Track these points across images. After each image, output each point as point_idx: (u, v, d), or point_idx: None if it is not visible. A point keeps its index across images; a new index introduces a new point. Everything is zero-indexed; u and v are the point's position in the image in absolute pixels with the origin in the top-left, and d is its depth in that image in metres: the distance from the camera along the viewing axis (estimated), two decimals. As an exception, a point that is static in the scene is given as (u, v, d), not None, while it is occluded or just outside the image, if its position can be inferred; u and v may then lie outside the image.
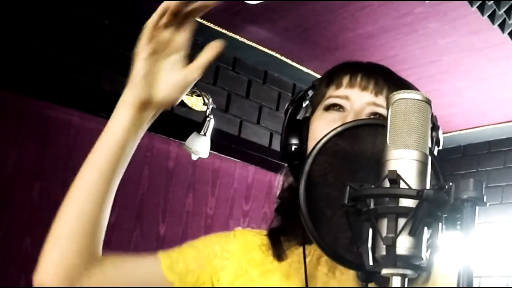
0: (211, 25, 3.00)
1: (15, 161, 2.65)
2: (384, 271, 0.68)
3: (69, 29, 2.81)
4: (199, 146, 2.96)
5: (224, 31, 3.05)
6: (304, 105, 1.09)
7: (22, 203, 2.60)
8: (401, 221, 0.67)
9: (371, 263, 0.70)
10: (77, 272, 0.95)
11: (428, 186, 0.70)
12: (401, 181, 0.68)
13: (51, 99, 2.73)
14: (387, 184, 0.68)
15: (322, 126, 1.01)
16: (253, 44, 3.16)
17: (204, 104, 3.06)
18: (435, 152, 0.97)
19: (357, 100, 1.02)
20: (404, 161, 0.69)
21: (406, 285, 0.67)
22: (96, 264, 0.97)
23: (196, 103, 3.07)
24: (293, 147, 1.03)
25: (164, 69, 0.94)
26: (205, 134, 2.98)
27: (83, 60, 2.85)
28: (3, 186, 2.61)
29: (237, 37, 3.10)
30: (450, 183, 0.67)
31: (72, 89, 2.79)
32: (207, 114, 3.01)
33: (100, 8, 2.89)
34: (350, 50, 3.01)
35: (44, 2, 2.74)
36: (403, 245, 0.67)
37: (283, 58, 3.27)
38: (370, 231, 0.70)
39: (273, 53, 3.24)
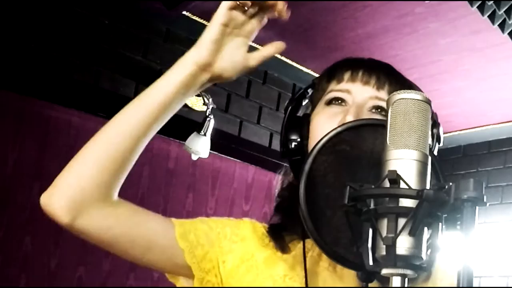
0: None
1: (15, 161, 2.64)
2: (384, 271, 0.68)
3: (69, 29, 2.81)
4: (199, 146, 2.96)
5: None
6: (304, 103, 1.09)
7: (22, 203, 2.60)
8: (401, 221, 0.67)
9: (371, 263, 0.70)
10: (88, 204, 0.94)
11: (428, 186, 0.70)
12: (401, 181, 0.68)
13: (51, 99, 2.72)
14: (387, 184, 0.68)
15: (324, 120, 1.01)
16: (253, 44, 3.15)
17: (204, 104, 3.06)
18: (436, 149, 0.96)
19: (358, 93, 1.02)
20: (404, 161, 0.69)
21: (406, 285, 0.67)
22: (110, 204, 0.96)
23: (196, 103, 3.07)
24: (294, 144, 1.03)
25: (230, 45, 0.97)
26: (205, 134, 2.97)
27: (83, 60, 2.85)
28: (3, 186, 2.61)
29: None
30: (450, 183, 0.67)
31: (72, 89, 2.79)
32: (207, 114, 3.01)
33: (100, 8, 2.89)
34: (350, 50, 3.01)
35: (44, 2, 2.74)
36: (403, 245, 0.67)
37: (283, 58, 3.27)
38: (370, 231, 0.70)
39: (273, 53, 3.23)
